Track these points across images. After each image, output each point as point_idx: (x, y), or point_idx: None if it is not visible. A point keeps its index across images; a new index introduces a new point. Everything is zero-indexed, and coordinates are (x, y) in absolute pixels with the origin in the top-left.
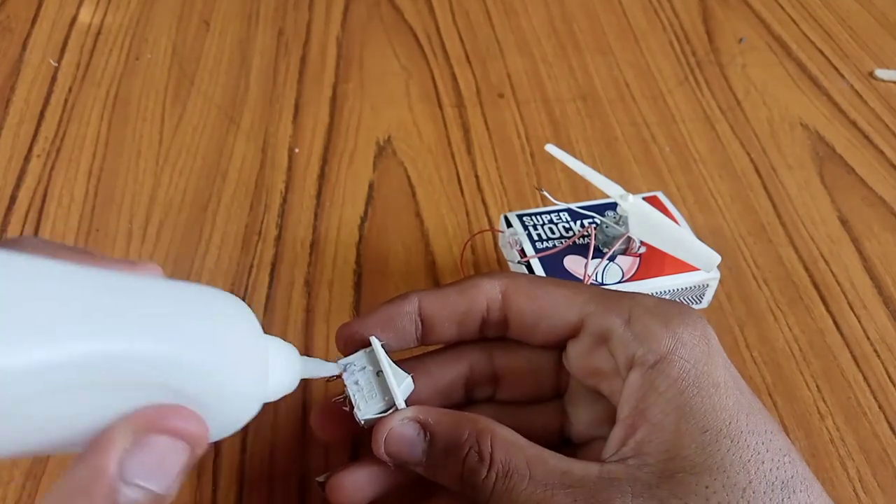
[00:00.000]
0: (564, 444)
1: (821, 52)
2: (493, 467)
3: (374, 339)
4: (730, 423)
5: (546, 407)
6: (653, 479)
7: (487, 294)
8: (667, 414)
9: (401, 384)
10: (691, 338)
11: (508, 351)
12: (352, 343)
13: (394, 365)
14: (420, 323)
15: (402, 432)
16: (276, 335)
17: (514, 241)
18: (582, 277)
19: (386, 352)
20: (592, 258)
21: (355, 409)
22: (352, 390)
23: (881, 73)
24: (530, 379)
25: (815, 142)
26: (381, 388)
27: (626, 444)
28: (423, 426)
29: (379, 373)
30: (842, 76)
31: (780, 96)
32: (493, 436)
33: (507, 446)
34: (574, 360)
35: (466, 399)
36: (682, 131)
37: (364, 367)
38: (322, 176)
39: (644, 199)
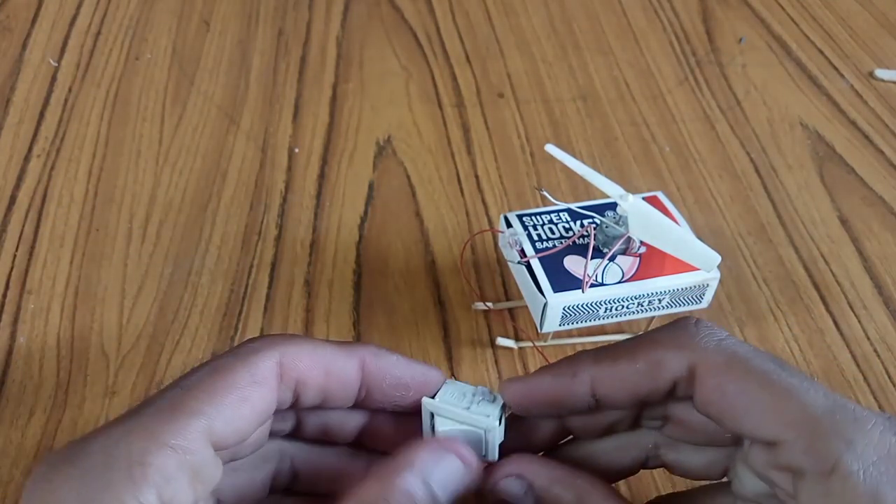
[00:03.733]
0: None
1: (821, 52)
2: None
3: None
4: None
5: (714, 452)
6: None
7: (674, 372)
8: None
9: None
10: None
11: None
12: (533, 405)
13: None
14: (593, 400)
15: (507, 489)
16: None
17: (514, 241)
18: (582, 277)
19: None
20: (592, 258)
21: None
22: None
23: (881, 73)
24: (699, 435)
25: (815, 142)
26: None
27: None
28: (523, 477)
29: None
30: (842, 76)
31: (779, 96)
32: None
33: None
34: (751, 461)
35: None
36: (682, 131)
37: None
38: (322, 176)
39: (644, 199)
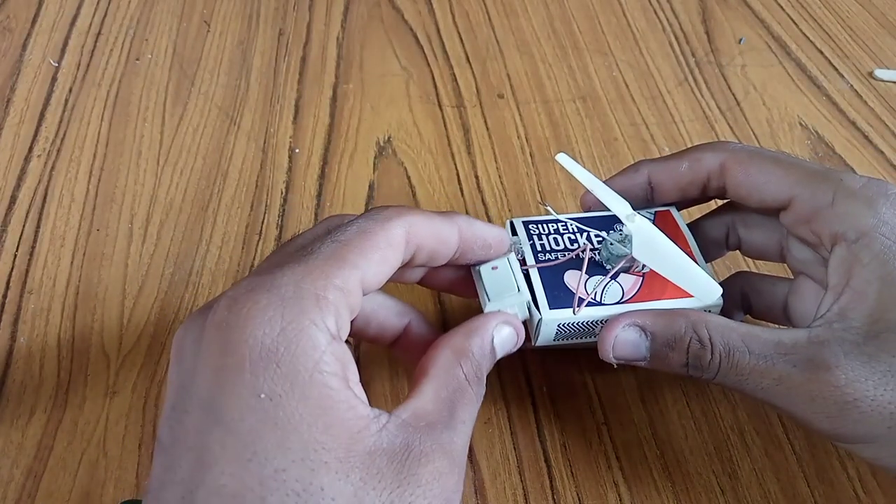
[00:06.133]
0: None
1: (820, 52)
2: (714, 350)
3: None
4: None
5: (771, 223)
6: (859, 339)
7: (709, 167)
8: (870, 283)
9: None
10: (893, 216)
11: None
12: (594, 206)
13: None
14: (650, 190)
15: (627, 337)
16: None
17: (517, 248)
18: (581, 296)
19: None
20: (595, 275)
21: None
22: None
23: (881, 73)
24: (756, 197)
25: (815, 142)
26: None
27: (831, 309)
28: (643, 329)
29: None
30: (841, 76)
31: (779, 96)
32: (707, 323)
33: (722, 329)
34: (786, 226)
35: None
36: (682, 132)
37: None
38: (322, 176)
39: (656, 213)
